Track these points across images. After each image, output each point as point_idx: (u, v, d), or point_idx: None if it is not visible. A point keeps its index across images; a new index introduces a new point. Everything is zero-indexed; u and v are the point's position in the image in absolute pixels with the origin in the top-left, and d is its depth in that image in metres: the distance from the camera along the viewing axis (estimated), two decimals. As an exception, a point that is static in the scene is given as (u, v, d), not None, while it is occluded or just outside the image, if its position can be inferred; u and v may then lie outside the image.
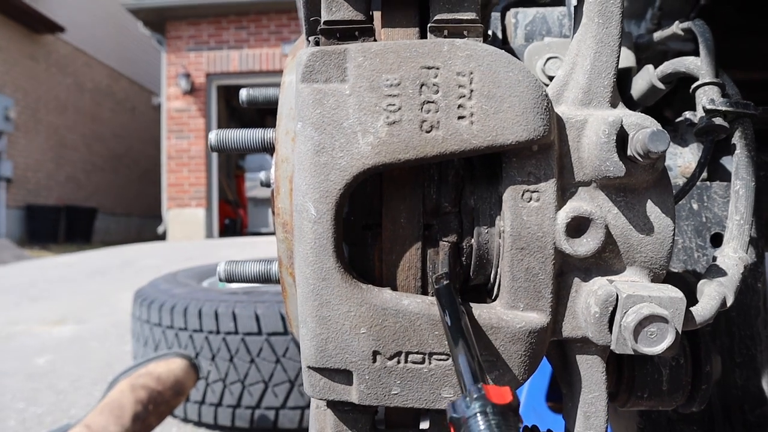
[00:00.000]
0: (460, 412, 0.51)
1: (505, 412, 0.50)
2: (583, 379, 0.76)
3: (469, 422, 0.49)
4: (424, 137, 0.67)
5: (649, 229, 0.72)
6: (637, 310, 0.66)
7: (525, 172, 0.69)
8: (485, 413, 0.50)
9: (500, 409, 0.50)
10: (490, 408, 0.50)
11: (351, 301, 0.69)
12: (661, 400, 0.93)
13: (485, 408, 0.50)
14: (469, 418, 0.50)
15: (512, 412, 0.50)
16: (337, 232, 0.69)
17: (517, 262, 0.70)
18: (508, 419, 0.49)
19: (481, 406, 0.50)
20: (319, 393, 0.74)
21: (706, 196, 1.08)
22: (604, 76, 0.73)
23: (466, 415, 0.50)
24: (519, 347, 0.70)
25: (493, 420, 0.49)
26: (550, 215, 0.69)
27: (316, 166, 0.68)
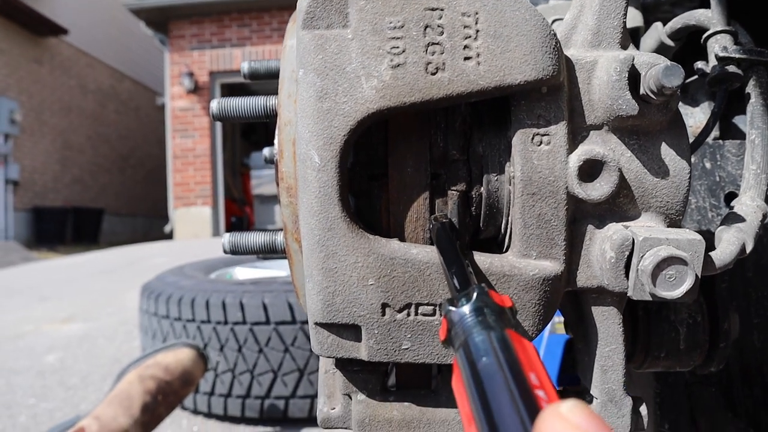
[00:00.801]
0: (457, 306, 0.49)
1: (503, 312, 0.48)
2: (599, 332, 0.74)
3: (465, 318, 0.47)
4: (430, 79, 0.65)
5: (665, 172, 0.69)
6: (654, 252, 0.63)
7: (534, 115, 0.67)
8: (481, 309, 0.48)
9: (499, 308, 0.48)
10: (489, 303, 0.48)
11: (358, 251, 0.67)
12: (679, 360, 0.90)
13: (483, 303, 0.48)
14: (465, 314, 0.48)
15: (510, 316, 0.48)
16: (342, 181, 0.67)
17: (528, 209, 0.68)
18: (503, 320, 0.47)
19: (478, 301, 0.48)
20: (327, 350, 0.72)
21: (719, 155, 1.06)
22: (614, 17, 0.70)
23: (462, 311, 0.48)
24: (533, 296, 0.68)
25: (490, 317, 0.47)
26: (562, 159, 0.67)
27: (319, 112, 0.66)
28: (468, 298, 0.50)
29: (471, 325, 0.47)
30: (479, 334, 0.45)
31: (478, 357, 0.43)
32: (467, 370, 0.43)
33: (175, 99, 12.82)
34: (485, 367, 0.42)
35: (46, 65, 15.83)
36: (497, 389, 0.39)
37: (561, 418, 0.32)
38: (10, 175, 14.18)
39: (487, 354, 0.43)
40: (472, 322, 0.47)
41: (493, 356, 0.42)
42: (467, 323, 0.48)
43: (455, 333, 0.49)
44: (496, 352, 0.43)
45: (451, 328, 0.49)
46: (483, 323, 0.47)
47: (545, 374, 0.41)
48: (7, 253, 11.75)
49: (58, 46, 16.20)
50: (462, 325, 0.48)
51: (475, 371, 0.42)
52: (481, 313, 0.48)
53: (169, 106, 12.97)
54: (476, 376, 0.42)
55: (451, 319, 0.50)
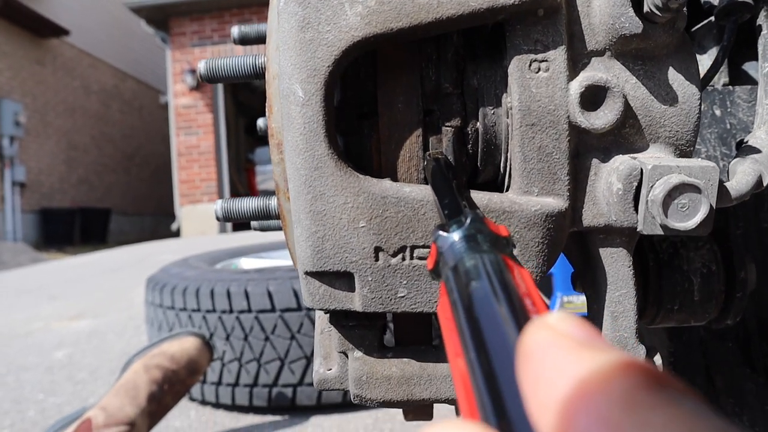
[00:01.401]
0: (448, 231, 0.45)
1: (498, 240, 0.43)
2: (608, 276, 0.69)
3: (455, 244, 0.43)
4: (417, 2, 0.61)
5: (673, 98, 0.65)
6: (665, 180, 0.59)
7: (531, 40, 0.63)
8: (474, 236, 0.43)
9: (494, 234, 0.44)
10: (483, 230, 0.43)
11: (347, 191, 0.63)
12: (693, 312, 0.86)
13: (477, 229, 0.43)
14: (456, 239, 0.43)
15: (504, 243, 0.44)
16: (329, 116, 0.63)
17: (528, 141, 0.63)
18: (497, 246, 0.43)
19: (472, 227, 0.44)
20: (319, 302, 0.68)
21: (729, 101, 1.01)
22: (614, -65, 0.66)
23: (452, 236, 0.44)
24: (535, 233, 0.63)
25: (484, 243, 0.42)
26: (562, 86, 0.62)
27: (302, 43, 0.62)
28: (460, 223, 0.46)
29: (462, 249, 0.43)
30: (471, 258, 0.41)
31: (469, 280, 0.39)
32: (456, 294, 0.39)
33: (178, 96, 12.80)
34: (476, 290, 0.38)
35: (49, 66, 15.83)
36: (488, 312, 0.35)
37: (548, 327, 0.28)
38: (16, 177, 14.20)
39: (478, 277, 0.39)
40: (464, 247, 0.43)
41: (486, 279, 0.38)
42: (458, 248, 0.43)
43: (444, 261, 0.44)
44: (488, 275, 0.38)
45: (440, 255, 0.45)
46: (475, 248, 0.43)
47: (541, 301, 0.37)
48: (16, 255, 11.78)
49: (61, 47, 16.20)
50: (452, 250, 0.44)
51: (465, 294, 0.38)
52: (473, 240, 0.44)
53: (172, 103, 12.95)
54: (466, 299, 0.37)
55: (440, 246, 0.45)
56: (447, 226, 0.46)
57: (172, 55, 12.87)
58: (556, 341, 0.27)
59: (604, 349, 0.26)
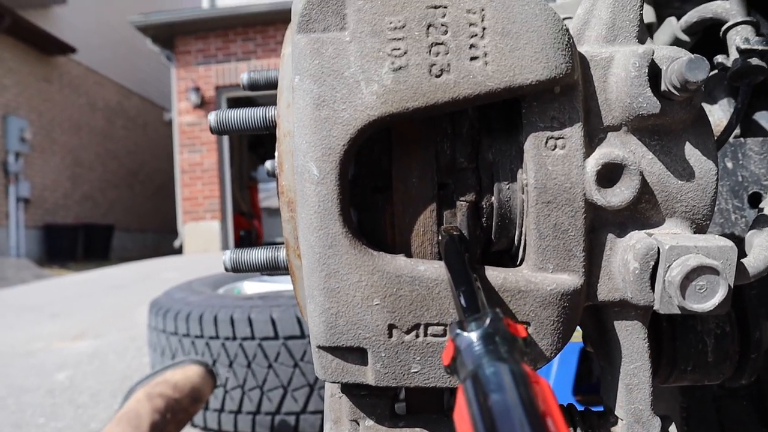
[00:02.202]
0: (466, 330, 0.44)
1: (515, 343, 0.43)
2: (623, 348, 0.69)
3: (473, 346, 0.42)
4: (434, 82, 0.60)
5: (689, 174, 0.64)
6: (682, 262, 0.58)
7: (548, 117, 0.62)
8: (492, 337, 0.43)
9: (512, 337, 0.43)
10: (502, 331, 0.43)
11: (361, 269, 0.62)
12: (707, 372, 0.85)
13: (495, 330, 0.43)
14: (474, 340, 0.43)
15: (523, 347, 0.43)
16: (343, 194, 0.62)
17: (543, 218, 0.63)
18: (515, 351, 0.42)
19: (491, 328, 0.43)
20: (332, 375, 0.67)
21: (741, 154, 1.01)
22: (630, 9, 0.66)
23: (471, 336, 0.43)
24: (551, 312, 0.63)
25: (502, 346, 0.42)
26: (578, 163, 0.62)
27: (317, 121, 0.62)
28: (479, 322, 0.45)
29: (481, 354, 0.42)
30: (491, 366, 0.41)
31: (490, 391, 0.38)
32: (475, 404, 0.38)
33: (182, 114, 12.85)
34: (497, 404, 0.37)
35: (55, 84, 15.92)
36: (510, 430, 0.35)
37: None
38: (21, 193, 14.23)
39: (500, 389, 0.38)
40: (483, 350, 0.43)
41: (508, 393, 0.38)
42: (476, 351, 0.43)
43: (461, 360, 0.44)
44: (510, 389, 0.38)
45: (458, 354, 0.45)
46: (494, 353, 0.42)
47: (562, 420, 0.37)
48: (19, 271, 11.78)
49: (67, 64, 16.30)
50: (470, 352, 0.43)
51: (486, 407, 0.37)
52: (491, 342, 0.43)
53: (176, 121, 13.00)
54: (486, 413, 0.37)
55: (458, 344, 0.45)
56: (465, 324, 0.45)
57: (176, 73, 12.93)
58: None
59: None
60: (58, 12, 15.69)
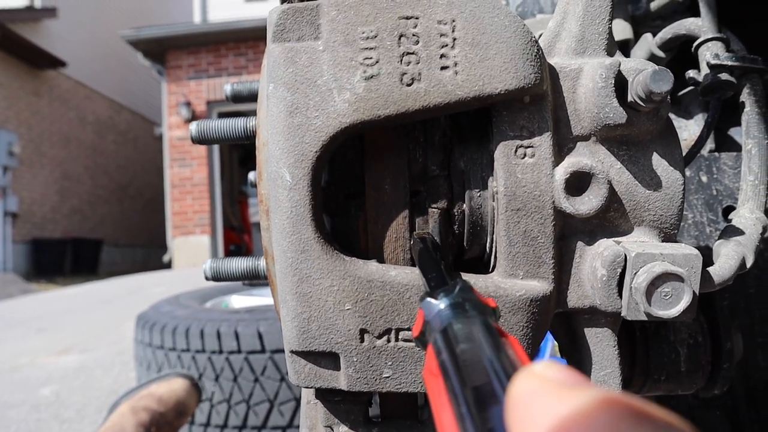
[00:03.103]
0: (436, 298, 0.44)
1: (485, 309, 0.43)
2: (594, 355, 0.69)
3: (443, 311, 0.43)
4: (405, 91, 0.62)
5: (657, 183, 0.65)
6: (648, 269, 0.60)
7: (517, 126, 0.64)
8: (462, 304, 0.43)
9: (481, 304, 0.43)
10: (472, 299, 0.43)
11: (333, 274, 0.63)
12: (680, 382, 0.86)
13: (465, 298, 0.43)
14: (443, 306, 0.43)
15: (492, 314, 0.43)
16: (316, 200, 0.63)
17: (513, 225, 0.64)
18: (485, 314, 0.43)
19: (460, 296, 0.43)
20: (305, 380, 0.68)
21: (716, 168, 1.02)
22: (599, 23, 0.67)
23: (440, 303, 0.44)
24: (520, 318, 0.63)
25: (472, 311, 0.42)
26: (547, 171, 0.63)
27: (290, 128, 0.63)
28: (448, 291, 0.45)
29: (450, 315, 0.43)
30: (459, 322, 0.41)
31: (458, 341, 0.39)
32: (445, 353, 0.38)
33: (172, 129, 12.84)
34: (465, 350, 0.37)
35: (45, 97, 15.89)
36: (478, 367, 0.35)
37: (533, 375, 0.29)
38: (8, 207, 14.15)
39: (470, 339, 0.39)
40: (452, 313, 0.43)
41: (477, 341, 0.38)
42: (445, 314, 0.43)
43: (431, 327, 0.44)
44: (479, 338, 0.38)
45: (427, 323, 0.44)
46: (463, 314, 0.42)
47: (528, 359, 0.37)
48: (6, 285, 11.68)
49: (57, 78, 16.29)
50: (439, 316, 0.43)
51: (455, 355, 0.38)
52: (461, 307, 0.43)
53: (166, 135, 12.98)
54: (456, 360, 0.37)
55: (427, 313, 0.44)
56: (435, 294, 0.45)
57: (167, 87, 12.94)
58: (541, 386, 0.28)
59: (587, 388, 0.27)
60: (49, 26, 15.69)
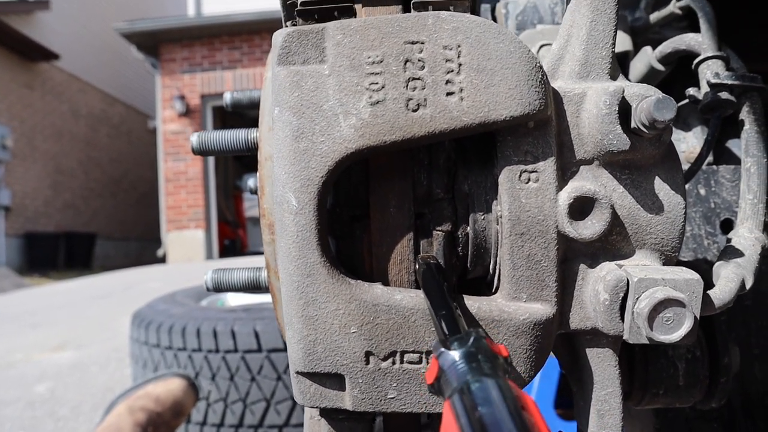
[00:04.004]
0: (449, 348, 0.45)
1: (497, 360, 0.44)
2: (595, 375, 0.70)
3: (458, 364, 0.44)
4: (411, 116, 0.62)
5: (659, 207, 0.66)
6: (650, 294, 0.60)
7: (521, 151, 0.64)
8: (475, 355, 0.44)
9: (494, 355, 0.44)
10: (484, 350, 0.44)
11: (339, 298, 0.64)
12: (678, 396, 0.87)
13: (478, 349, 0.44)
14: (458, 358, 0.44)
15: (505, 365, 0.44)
16: (321, 224, 0.64)
17: (517, 249, 0.64)
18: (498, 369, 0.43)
19: (474, 346, 0.44)
20: (310, 400, 0.69)
21: (714, 181, 1.03)
22: (602, 47, 0.68)
23: (454, 354, 0.45)
24: (524, 341, 0.64)
25: (485, 364, 0.43)
26: (551, 196, 0.64)
27: (296, 152, 0.63)
28: (462, 342, 0.46)
29: (465, 370, 0.44)
30: (477, 381, 0.42)
31: (478, 404, 0.40)
32: (464, 417, 0.39)
33: (166, 122, 12.80)
34: (487, 416, 0.38)
35: (37, 90, 15.81)
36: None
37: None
38: (1, 200, 14.09)
39: (488, 402, 0.39)
40: (467, 367, 0.44)
41: (496, 405, 0.39)
42: (461, 368, 0.44)
43: (446, 378, 0.45)
44: (498, 402, 0.39)
45: (442, 372, 0.46)
46: (478, 370, 0.43)
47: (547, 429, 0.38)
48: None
49: (50, 71, 16.20)
50: (455, 369, 0.44)
51: (475, 419, 0.38)
52: (475, 360, 0.44)
53: (160, 129, 12.94)
54: (476, 424, 0.38)
55: (442, 363, 0.46)
56: (448, 342, 0.46)
57: (161, 81, 12.89)
58: None
59: None
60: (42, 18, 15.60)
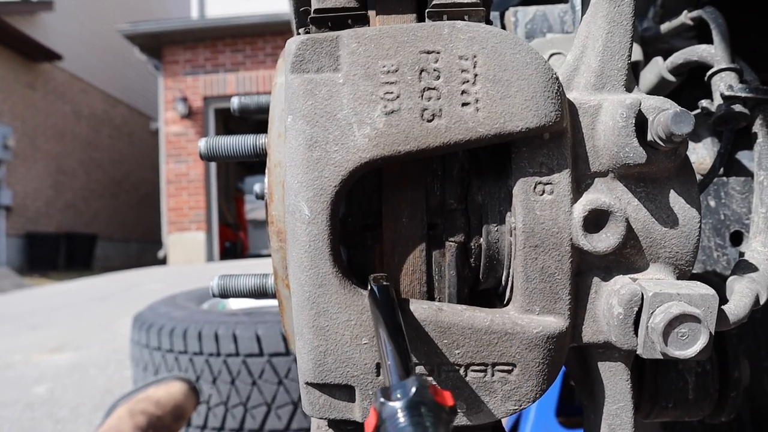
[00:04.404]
0: (391, 398, 0.44)
1: (441, 414, 0.43)
2: (607, 389, 0.70)
3: (396, 417, 0.42)
4: (426, 127, 0.62)
5: (674, 221, 0.66)
6: (665, 309, 0.60)
7: (536, 163, 0.64)
8: (418, 408, 0.42)
9: (438, 408, 0.43)
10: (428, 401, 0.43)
11: (351, 308, 0.63)
12: (688, 409, 0.87)
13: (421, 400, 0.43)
14: (397, 411, 0.43)
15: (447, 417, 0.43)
16: (334, 234, 0.63)
17: (530, 262, 0.64)
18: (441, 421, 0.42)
19: (416, 397, 0.43)
20: (319, 412, 0.68)
21: (724, 192, 1.03)
22: (618, 58, 0.67)
23: (395, 406, 0.43)
24: (536, 354, 0.64)
25: (427, 418, 0.42)
26: (566, 209, 0.63)
27: (309, 161, 0.63)
28: (404, 391, 0.44)
29: (404, 425, 0.42)
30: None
31: None
32: None
33: (168, 124, 12.81)
34: None
35: (40, 91, 15.82)
36: None
37: None
38: (2, 200, 14.09)
39: None
40: (407, 422, 0.42)
41: None
42: (399, 425, 0.42)
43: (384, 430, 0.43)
44: None
45: (382, 423, 0.44)
46: (418, 426, 0.42)
47: None
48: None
49: (52, 71, 16.21)
50: (394, 424, 0.43)
51: None
52: (416, 413, 0.43)
53: (162, 131, 12.95)
54: None
55: (381, 414, 0.44)
56: (390, 392, 0.45)
57: (164, 82, 12.90)
58: None
59: None
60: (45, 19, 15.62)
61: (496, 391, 0.64)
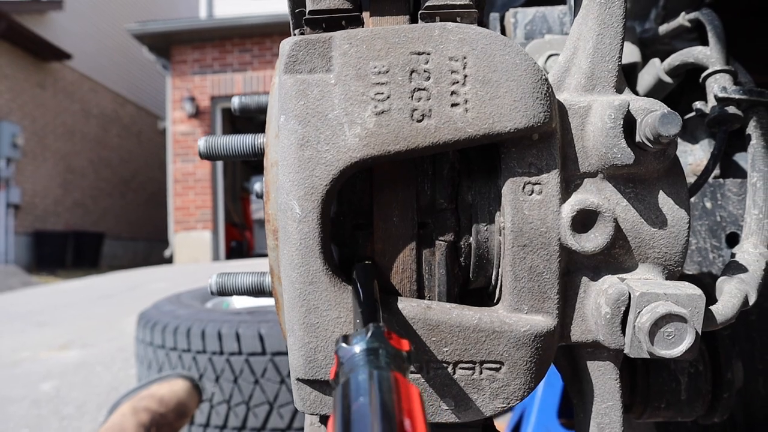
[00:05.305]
0: (350, 343, 0.46)
1: (398, 355, 0.45)
2: (596, 388, 0.70)
3: (354, 357, 0.44)
4: (416, 127, 0.62)
5: (662, 221, 0.66)
6: (652, 309, 0.60)
7: (525, 163, 0.64)
8: (375, 350, 0.45)
9: (394, 350, 0.45)
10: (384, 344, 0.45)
11: (341, 306, 0.64)
12: (680, 410, 0.87)
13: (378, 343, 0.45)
14: (355, 352, 0.45)
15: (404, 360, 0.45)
16: (324, 232, 0.64)
17: (519, 261, 0.64)
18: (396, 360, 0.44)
19: (373, 341, 0.45)
20: (310, 407, 0.69)
21: (720, 194, 1.03)
22: (608, 60, 0.68)
23: (353, 348, 0.45)
24: (524, 353, 0.64)
25: (383, 358, 0.44)
26: (554, 209, 0.64)
27: (300, 160, 0.64)
28: (362, 337, 0.47)
29: (358, 363, 0.44)
30: (362, 373, 0.42)
31: (355, 396, 0.40)
32: (339, 409, 0.40)
33: (176, 123, 12.85)
34: (358, 408, 0.39)
35: (49, 90, 15.91)
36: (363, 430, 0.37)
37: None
38: (11, 198, 14.18)
39: (363, 394, 0.40)
40: (361, 360, 0.44)
41: (368, 397, 0.39)
42: (355, 361, 0.45)
43: (342, 371, 0.45)
44: (372, 393, 0.40)
45: (340, 366, 0.46)
46: (372, 363, 0.44)
47: (422, 422, 0.38)
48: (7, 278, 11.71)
49: (62, 70, 16.30)
50: (350, 363, 0.45)
51: (347, 411, 0.39)
52: (373, 353, 0.45)
53: (170, 130, 12.99)
54: (346, 417, 0.38)
55: (341, 357, 0.46)
56: (350, 338, 0.47)
57: (172, 82, 12.94)
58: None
59: None
60: (55, 18, 15.71)
61: (484, 389, 0.65)
